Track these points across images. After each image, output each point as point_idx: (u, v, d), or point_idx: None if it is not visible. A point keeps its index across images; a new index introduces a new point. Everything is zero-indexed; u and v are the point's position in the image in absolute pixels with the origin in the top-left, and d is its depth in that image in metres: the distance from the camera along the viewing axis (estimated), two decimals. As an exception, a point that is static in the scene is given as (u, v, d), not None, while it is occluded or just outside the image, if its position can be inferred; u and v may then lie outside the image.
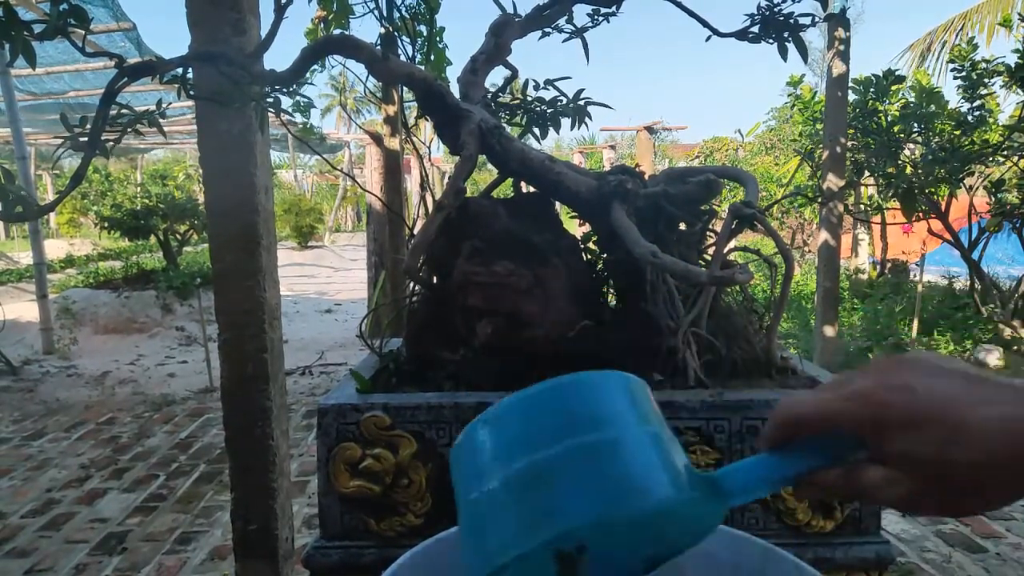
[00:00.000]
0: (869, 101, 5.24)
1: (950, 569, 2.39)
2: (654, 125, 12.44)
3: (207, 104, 1.71)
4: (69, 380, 5.46)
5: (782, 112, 10.91)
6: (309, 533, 2.72)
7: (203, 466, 3.51)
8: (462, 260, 1.21)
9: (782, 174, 9.29)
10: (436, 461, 1.05)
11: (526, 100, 1.64)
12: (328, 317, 8.46)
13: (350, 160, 18.57)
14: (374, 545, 1.06)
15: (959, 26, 8.62)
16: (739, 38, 1.48)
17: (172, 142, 14.06)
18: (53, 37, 1.03)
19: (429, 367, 1.25)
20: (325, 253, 15.35)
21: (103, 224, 7.94)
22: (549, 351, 1.16)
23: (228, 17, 1.82)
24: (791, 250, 1.32)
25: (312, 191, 24.63)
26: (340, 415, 1.06)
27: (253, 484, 2.01)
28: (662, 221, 1.30)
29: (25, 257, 10.33)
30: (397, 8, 1.88)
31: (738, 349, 1.24)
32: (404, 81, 1.34)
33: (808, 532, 1.05)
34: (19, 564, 2.55)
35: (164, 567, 2.52)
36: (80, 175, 1.12)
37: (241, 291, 1.94)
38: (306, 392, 4.98)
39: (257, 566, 2.04)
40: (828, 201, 4.84)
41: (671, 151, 17.34)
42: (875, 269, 8.45)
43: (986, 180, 5.19)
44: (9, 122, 6.16)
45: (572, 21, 1.63)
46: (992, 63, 4.90)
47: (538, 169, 1.31)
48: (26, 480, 3.39)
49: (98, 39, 6.23)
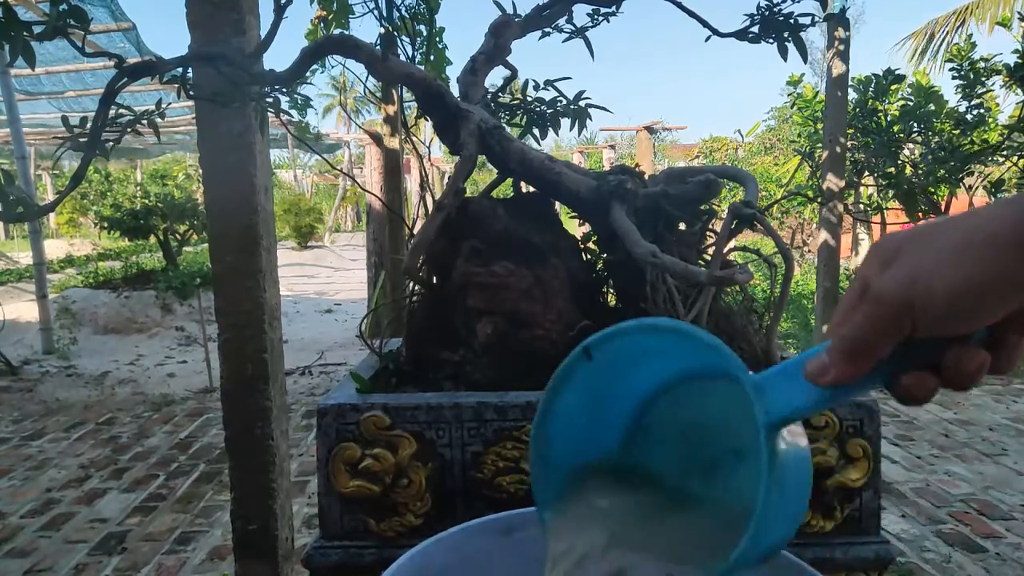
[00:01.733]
0: (869, 101, 5.24)
1: (950, 569, 2.39)
2: (654, 125, 12.45)
3: (207, 104, 1.71)
4: (69, 380, 5.46)
5: (782, 112, 10.92)
6: (309, 533, 2.72)
7: (203, 466, 3.51)
8: (462, 260, 1.21)
9: (782, 174, 9.29)
10: (436, 461, 1.05)
11: (526, 100, 1.64)
12: (328, 317, 8.46)
13: (350, 160, 18.57)
14: (374, 545, 1.06)
15: (961, 19, 8.62)
16: (739, 38, 1.48)
17: (172, 143, 14.06)
18: (53, 37, 1.03)
19: (429, 367, 1.25)
20: (325, 253, 15.35)
21: (103, 224, 7.94)
22: (549, 351, 1.16)
23: (228, 17, 1.83)
24: (791, 250, 1.32)
25: (311, 191, 24.64)
26: (340, 415, 1.06)
27: (253, 484, 2.01)
28: (662, 221, 1.30)
29: (25, 257, 10.32)
30: (397, 8, 1.88)
31: (738, 349, 1.24)
32: (404, 81, 1.34)
33: (808, 532, 1.05)
34: (19, 564, 2.55)
35: (164, 567, 2.52)
36: (80, 175, 1.12)
37: (241, 291, 1.94)
38: (306, 392, 4.98)
39: (257, 566, 2.04)
40: (828, 201, 4.84)
41: (671, 151, 17.35)
42: (875, 269, 8.44)
43: (986, 180, 5.19)
44: (8, 122, 6.16)
45: (572, 21, 1.63)
46: (990, 62, 4.91)
47: (538, 169, 1.31)
48: (26, 480, 3.39)
49: (97, 39, 6.23)
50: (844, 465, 1.03)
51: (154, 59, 1.16)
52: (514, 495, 1.03)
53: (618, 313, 1.33)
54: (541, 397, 0.60)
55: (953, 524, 2.72)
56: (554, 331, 1.17)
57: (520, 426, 1.03)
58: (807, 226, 10.00)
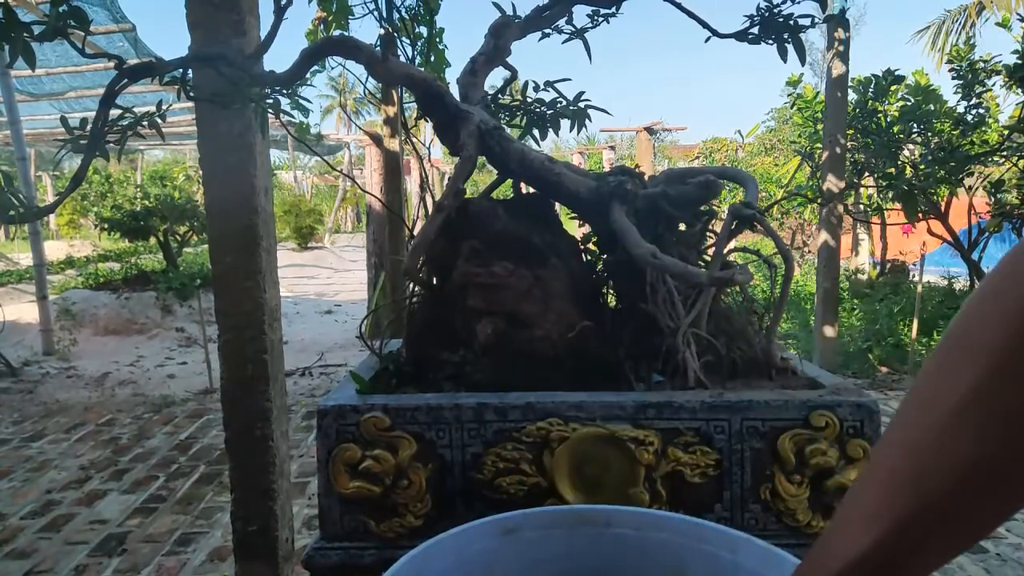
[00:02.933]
0: (869, 101, 5.24)
1: (950, 569, 2.39)
2: (654, 126, 12.44)
3: (207, 105, 1.71)
4: (69, 381, 5.46)
5: (782, 113, 10.92)
6: (309, 534, 2.72)
7: (203, 467, 3.51)
8: (462, 261, 1.21)
9: (782, 175, 9.30)
10: (436, 462, 1.05)
11: (526, 101, 1.64)
12: (328, 318, 8.46)
13: (350, 161, 18.58)
14: (374, 546, 1.06)
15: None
16: (739, 39, 1.48)
17: (172, 143, 14.06)
18: (53, 38, 1.03)
19: (429, 368, 1.24)
20: (325, 254, 15.35)
21: (103, 225, 7.94)
22: (549, 352, 1.16)
23: (227, 18, 1.83)
24: (791, 251, 1.32)
25: (311, 192, 24.62)
26: (340, 416, 1.06)
27: (253, 485, 2.01)
28: (662, 222, 1.30)
29: (25, 258, 10.31)
30: (397, 9, 1.88)
31: (738, 350, 1.24)
32: (403, 82, 1.34)
33: (808, 532, 1.05)
34: (19, 565, 2.55)
35: (164, 568, 2.52)
36: (80, 177, 1.12)
37: (241, 292, 1.94)
38: (306, 393, 4.98)
39: (257, 567, 2.04)
40: (828, 202, 4.84)
41: (671, 152, 17.36)
42: (875, 269, 8.46)
43: (986, 180, 5.19)
44: (9, 124, 6.16)
45: (572, 22, 1.63)
46: (989, 62, 4.91)
47: (538, 170, 1.31)
48: (26, 481, 3.39)
49: (97, 40, 6.23)
50: (844, 466, 1.03)
51: (154, 60, 1.16)
52: (514, 496, 1.03)
53: (618, 313, 1.33)
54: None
55: (953, 525, 2.71)
56: (554, 332, 1.17)
57: (521, 427, 1.03)
58: (807, 227, 9.99)
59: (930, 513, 0.41)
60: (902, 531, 0.42)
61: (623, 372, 1.18)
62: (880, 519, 0.43)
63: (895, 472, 0.43)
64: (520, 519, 0.77)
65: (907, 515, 0.41)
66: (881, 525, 0.42)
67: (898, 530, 0.42)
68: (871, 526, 0.43)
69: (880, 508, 0.43)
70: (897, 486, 0.42)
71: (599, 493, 1.02)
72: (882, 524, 0.42)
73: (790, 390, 1.11)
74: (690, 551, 0.75)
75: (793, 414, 1.04)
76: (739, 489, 1.04)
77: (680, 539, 0.76)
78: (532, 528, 0.77)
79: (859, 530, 0.44)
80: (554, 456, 1.02)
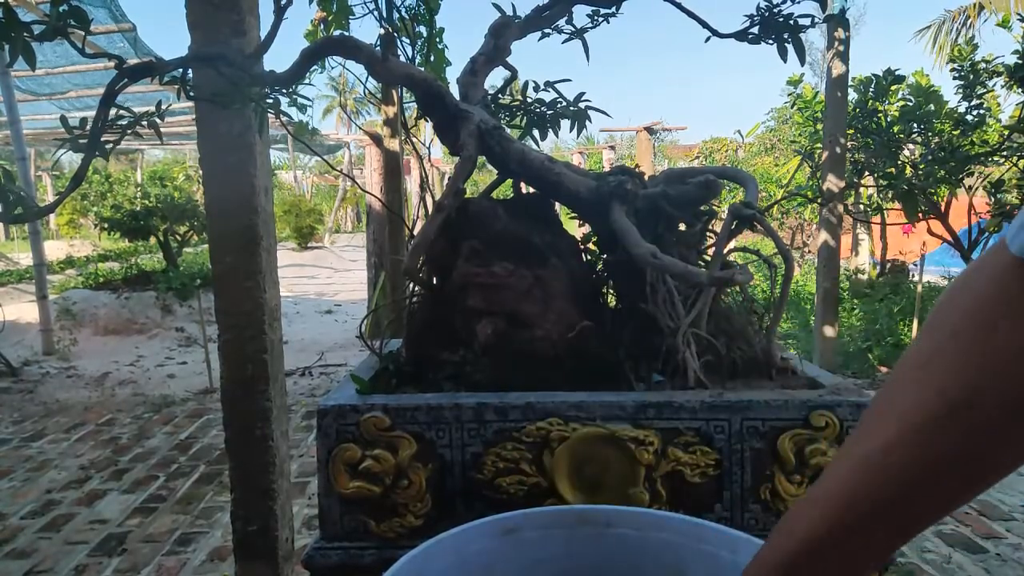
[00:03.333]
0: (869, 101, 5.24)
1: (950, 569, 2.39)
2: (654, 126, 12.45)
3: (207, 105, 1.71)
4: (69, 381, 5.46)
5: (781, 113, 10.92)
6: (309, 534, 2.72)
7: (203, 467, 3.51)
8: (462, 261, 1.21)
9: (782, 175, 9.30)
10: (436, 462, 1.05)
11: (526, 102, 1.64)
12: (328, 318, 8.46)
13: (350, 161, 18.58)
14: (374, 546, 1.06)
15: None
16: (739, 39, 1.48)
17: (171, 143, 14.05)
18: (53, 38, 1.03)
19: (429, 368, 1.24)
20: (325, 254, 15.35)
21: (103, 225, 7.94)
22: (549, 352, 1.16)
23: (227, 18, 1.83)
24: (791, 250, 1.32)
25: (311, 192, 24.62)
26: (340, 416, 1.06)
27: (253, 485, 2.01)
28: (662, 222, 1.30)
29: (25, 258, 10.32)
30: (397, 9, 1.88)
31: (738, 350, 1.24)
32: (403, 82, 1.34)
33: (808, 533, 1.05)
34: (19, 565, 2.55)
35: (164, 568, 2.52)
36: (80, 176, 1.12)
37: (241, 292, 1.94)
38: (306, 393, 4.98)
39: (257, 567, 2.04)
40: (828, 202, 4.84)
41: (671, 152, 17.36)
42: (875, 269, 8.46)
43: (986, 180, 5.19)
44: (9, 124, 6.16)
45: (572, 22, 1.63)
46: (991, 63, 4.91)
47: (538, 170, 1.31)
48: (26, 481, 3.39)
49: (97, 40, 6.23)
50: (844, 466, 1.03)
51: (154, 60, 1.16)
52: (514, 496, 1.03)
53: (618, 313, 1.33)
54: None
55: (954, 524, 2.71)
56: (554, 332, 1.17)
57: (521, 427, 1.03)
58: (807, 227, 10.00)
59: (877, 498, 0.45)
60: (850, 509, 0.46)
61: (623, 372, 1.18)
62: (830, 500, 0.47)
63: (852, 459, 0.48)
64: (520, 519, 0.76)
65: (855, 497, 0.46)
66: (832, 504, 0.47)
67: (846, 509, 0.46)
68: (825, 506, 0.48)
69: (831, 491, 0.48)
70: (854, 470, 0.47)
71: (599, 493, 1.02)
72: (833, 503, 0.47)
73: (790, 390, 1.11)
74: (690, 551, 0.75)
75: (793, 414, 1.04)
76: (739, 489, 1.04)
77: (680, 539, 0.76)
78: (532, 528, 0.77)
79: (813, 510, 0.49)
80: (554, 456, 1.02)
